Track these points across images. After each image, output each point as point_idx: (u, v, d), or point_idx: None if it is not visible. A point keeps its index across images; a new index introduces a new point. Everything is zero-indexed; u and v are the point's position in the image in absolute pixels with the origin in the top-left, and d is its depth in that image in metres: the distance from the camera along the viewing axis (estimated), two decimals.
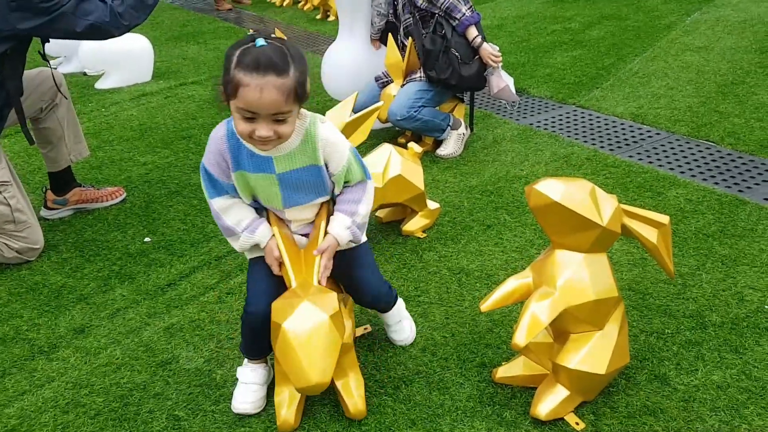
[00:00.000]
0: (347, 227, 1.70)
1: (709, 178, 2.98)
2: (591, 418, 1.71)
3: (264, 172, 1.60)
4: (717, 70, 4.28)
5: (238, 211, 1.68)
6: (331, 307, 1.54)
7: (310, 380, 1.47)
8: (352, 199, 1.72)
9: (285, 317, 1.50)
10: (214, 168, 1.61)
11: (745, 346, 1.93)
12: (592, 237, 1.62)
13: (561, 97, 4.16)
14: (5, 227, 2.49)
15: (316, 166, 1.63)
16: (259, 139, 1.47)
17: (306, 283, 1.60)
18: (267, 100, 1.40)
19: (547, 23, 5.93)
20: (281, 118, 1.46)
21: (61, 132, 2.83)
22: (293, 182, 1.64)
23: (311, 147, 1.60)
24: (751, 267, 2.29)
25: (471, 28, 3.18)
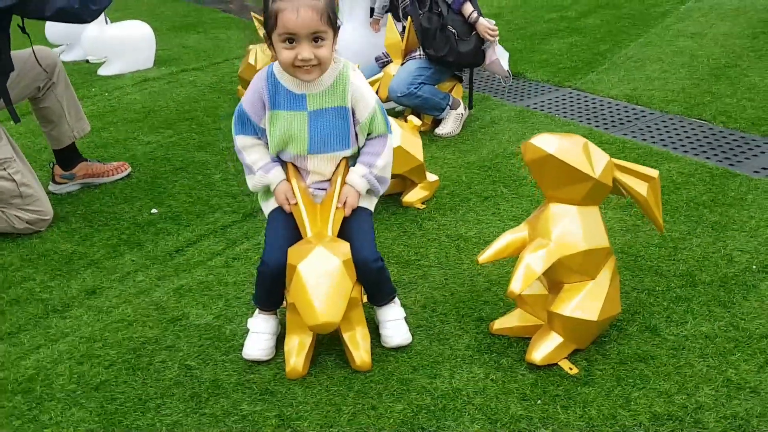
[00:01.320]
0: (362, 175, 1.81)
1: (701, 153, 3.07)
2: (584, 364, 1.79)
3: (297, 110, 1.75)
4: (710, 55, 4.36)
5: (257, 152, 1.83)
6: (344, 254, 1.66)
7: (319, 318, 1.58)
8: (372, 151, 1.84)
9: (300, 260, 1.63)
10: (249, 107, 1.77)
11: (733, 301, 2.01)
12: (584, 189, 1.70)
13: (557, 80, 4.23)
14: (13, 201, 2.55)
15: (344, 107, 1.77)
16: (301, 63, 1.63)
17: (320, 233, 1.72)
18: (304, 19, 1.58)
19: (543, 12, 6.01)
20: (318, 38, 1.62)
21: (60, 110, 2.89)
22: (321, 122, 1.77)
23: (342, 88, 1.75)
24: (740, 232, 2.38)
25: (466, 5, 3.25)
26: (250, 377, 1.81)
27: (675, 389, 1.68)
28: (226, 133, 3.57)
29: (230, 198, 2.87)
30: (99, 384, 1.82)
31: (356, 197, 1.83)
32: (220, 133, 3.63)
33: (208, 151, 3.40)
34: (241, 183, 2.98)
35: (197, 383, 1.80)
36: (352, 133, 1.82)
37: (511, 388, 1.72)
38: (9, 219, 2.57)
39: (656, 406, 1.63)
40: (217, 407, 1.71)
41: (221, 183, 3.02)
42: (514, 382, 1.74)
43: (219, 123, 3.77)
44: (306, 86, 1.75)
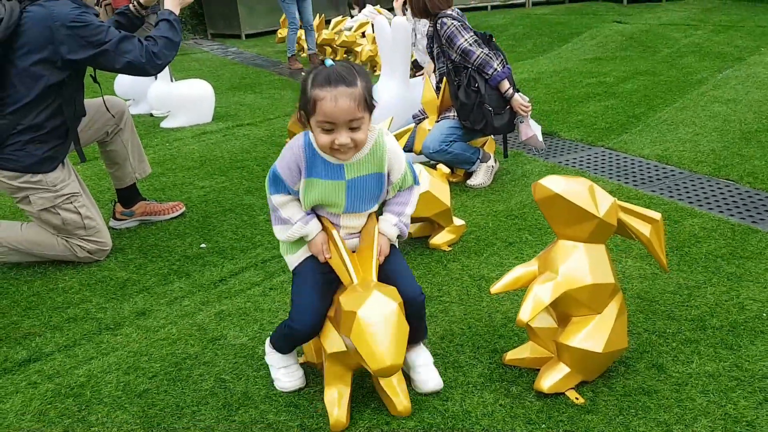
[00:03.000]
0: (394, 224, 1.90)
1: (725, 211, 3.15)
2: (590, 395, 1.89)
3: (334, 179, 1.78)
4: (743, 120, 4.47)
5: (293, 207, 1.85)
6: (398, 298, 1.69)
7: (386, 362, 1.58)
8: (401, 201, 1.92)
9: (359, 305, 1.63)
10: (285, 172, 1.79)
11: (740, 344, 2.08)
12: (590, 227, 1.84)
13: (591, 140, 4.40)
14: (77, 232, 2.83)
15: (381, 173, 1.82)
16: (339, 147, 1.67)
17: (366, 280, 1.74)
18: (342, 108, 1.62)
19: (582, 77, 6.23)
20: (356, 125, 1.67)
21: (125, 153, 3.20)
22: (358, 188, 1.81)
23: (379, 156, 1.80)
24: (755, 283, 2.45)
25: (504, 82, 3.48)
26: (277, 391, 1.97)
27: (674, 420, 1.77)
28: None
29: (271, 236, 3.09)
30: (142, 392, 2.01)
31: (388, 245, 1.89)
32: None
33: (256, 195, 3.66)
34: None
35: (230, 394, 1.97)
36: (384, 191, 1.88)
37: (518, 413, 1.84)
38: (72, 248, 2.84)
39: None
40: (246, 416, 1.87)
41: (265, 223, 3.26)
42: (522, 408, 1.85)
43: (267, 171, 4.05)
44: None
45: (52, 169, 2.74)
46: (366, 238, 1.86)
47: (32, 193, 2.72)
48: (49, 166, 2.73)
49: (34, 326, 2.40)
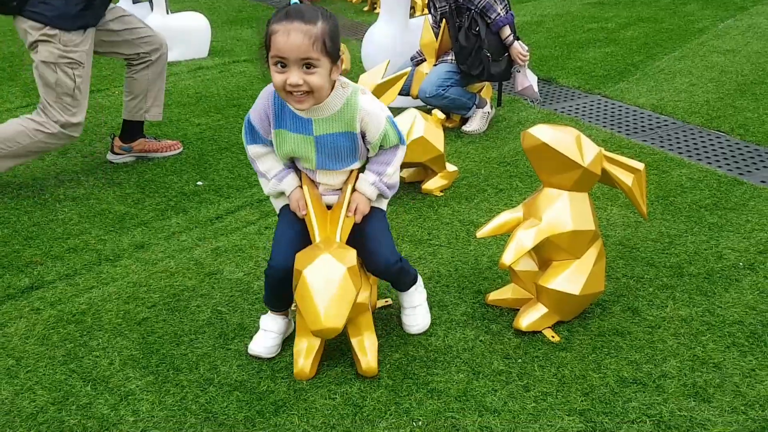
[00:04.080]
0: (372, 183, 1.82)
1: (713, 162, 3.21)
2: (565, 334, 1.99)
3: (302, 133, 1.74)
4: (740, 71, 4.47)
5: (269, 160, 1.83)
6: (349, 261, 1.67)
7: (322, 324, 1.60)
8: (382, 160, 1.84)
9: (305, 265, 1.65)
10: (257, 122, 1.77)
11: (714, 291, 2.18)
12: (574, 176, 1.91)
13: (588, 87, 4.41)
14: (63, 98, 2.84)
15: (353, 133, 1.76)
16: (290, 88, 1.59)
17: (329, 239, 1.74)
18: (294, 42, 1.55)
19: (584, 22, 6.16)
20: (309, 65, 1.58)
21: (144, 89, 3.22)
22: (329, 146, 1.76)
23: (350, 115, 1.73)
24: (735, 233, 2.53)
25: (505, 28, 3.46)
26: None
27: (644, 360, 1.88)
28: None
29: None
30: (141, 320, 2.11)
31: (367, 204, 1.83)
32: None
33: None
34: None
35: (225, 325, 2.07)
36: (360, 150, 1.81)
37: (496, 348, 1.94)
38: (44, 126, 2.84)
39: (624, 372, 1.83)
40: (241, 345, 1.97)
41: None
42: (500, 344, 1.96)
43: None
44: (312, 110, 1.70)
45: (71, 29, 2.81)
46: (342, 195, 1.85)
47: (43, 44, 2.79)
48: (69, 24, 2.80)
49: (35, 255, 2.48)
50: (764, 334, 1.95)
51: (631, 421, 1.67)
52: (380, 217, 1.91)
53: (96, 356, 1.94)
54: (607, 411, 1.70)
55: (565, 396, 1.75)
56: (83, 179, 3.14)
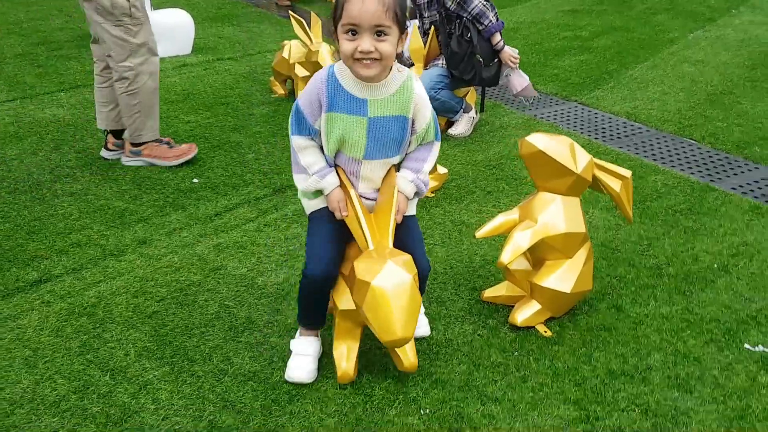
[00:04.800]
0: (411, 180, 1.82)
1: (686, 169, 3.40)
2: (556, 329, 2.13)
3: (356, 114, 1.71)
4: (709, 81, 4.70)
5: (313, 154, 1.79)
6: (412, 269, 1.66)
7: (396, 334, 1.59)
8: (419, 157, 1.84)
9: (372, 276, 1.62)
10: (306, 107, 1.73)
11: (692, 291, 2.35)
12: (568, 182, 2.05)
13: (565, 94, 4.58)
14: (123, 19, 3.04)
15: (405, 117, 1.74)
16: (361, 56, 1.61)
17: (381, 245, 1.71)
18: (368, 9, 1.57)
19: (559, 30, 6.35)
20: (381, 32, 1.60)
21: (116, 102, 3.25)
22: (380, 129, 1.73)
23: (406, 98, 1.73)
24: (709, 237, 2.71)
25: (496, 34, 3.61)
26: (278, 318, 2.16)
27: (630, 353, 2.03)
28: (258, 119, 3.93)
29: (261, 175, 3.23)
30: (152, 314, 2.18)
31: (406, 203, 1.83)
32: (252, 118, 3.99)
33: (242, 133, 3.76)
34: (272, 163, 3.35)
35: (234, 319, 2.16)
36: (406, 140, 1.80)
37: (493, 342, 2.07)
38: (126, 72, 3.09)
39: (613, 365, 1.98)
40: (251, 338, 2.06)
41: (254, 161, 3.38)
42: (497, 338, 2.09)
43: (252, 109, 4.13)
44: (368, 91, 1.70)
45: None
46: (384, 195, 1.81)
47: None
48: None
49: (40, 249, 2.53)
50: (739, 331, 2.12)
51: (621, 410, 1.81)
52: (415, 223, 1.91)
53: (111, 347, 2.01)
54: (599, 400, 1.84)
55: (559, 386, 1.89)
56: (78, 175, 3.17)
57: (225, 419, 1.75)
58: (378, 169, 1.82)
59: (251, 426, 1.74)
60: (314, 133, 1.77)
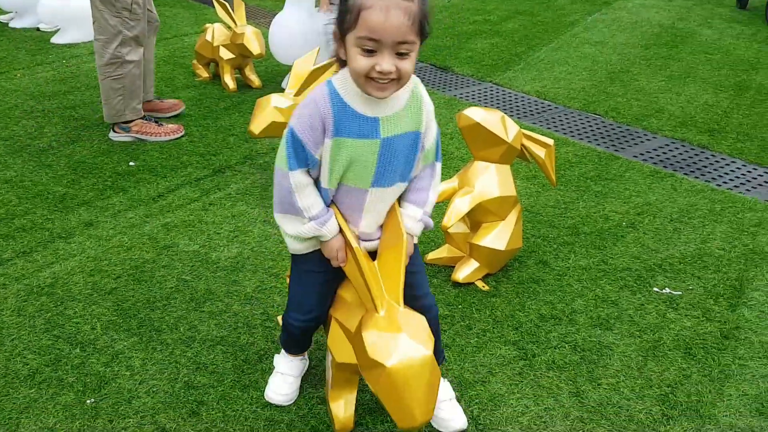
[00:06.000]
0: (419, 219, 1.58)
1: (593, 141, 3.75)
2: (493, 284, 2.37)
3: (367, 138, 1.44)
4: (609, 61, 5.11)
5: (312, 194, 1.50)
6: (430, 339, 1.43)
7: (416, 420, 1.38)
8: (423, 186, 1.58)
9: (387, 356, 1.39)
10: (306, 133, 1.42)
11: (605, 246, 2.65)
12: (500, 151, 2.28)
13: (480, 75, 4.85)
14: (122, 12, 3.17)
15: (417, 132, 1.49)
16: (379, 75, 1.33)
17: (391, 307, 1.46)
18: (393, 23, 1.29)
19: (470, 14, 6.65)
20: (405, 50, 1.33)
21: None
22: (392, 151, 1.47)
23: (417, 109, 1.48)
24: (617, 199, 3.04)
25: None
26: (237, 288, 2.28)
27: (557, 300, 2.30)
28: (186, 102, 3.94)
29: (198, 156, 3.29)
30: (111, 290, 2.24)
31: (413, 245, 1.61)
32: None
33: (172, 117, 3.78)
34: (207, 145, 3.41)
35: (194, 291, 2.26)
36: (417, 161, 1.54)
37: (439, 298, 2.28)
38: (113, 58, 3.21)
39: (543, 310, 2.24)
40: (213, 307, 2.18)
41: (188, 144, 3.43)
42: (442, 294, 2.30)
43: (178, 93, 4.14)
44: (379, 107, 1.43)
45: None
46: (389, 237, 1.55)
47: None
48: None
49: None
50: (648, 278, 2.44)
51: (554, 347, 2.07)
52: (417, 254, 1.68)
53: (76, 323, 2.07)
54: (534, 340, 2.09)
55: (499, 331, 2.13)
56: (10, 162, 3.12)
57: (200, 379, 1.87)
58: (386, 198, 1.54)
59: (226, 383, 1.87)
60: (314, 165, 1.47)
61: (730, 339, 2.09)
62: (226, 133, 3.54)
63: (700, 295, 2.31)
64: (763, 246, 2.60)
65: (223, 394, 1.83)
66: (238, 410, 1.78)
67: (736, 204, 2.94)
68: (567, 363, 2.00)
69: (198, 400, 1.81)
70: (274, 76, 4.42)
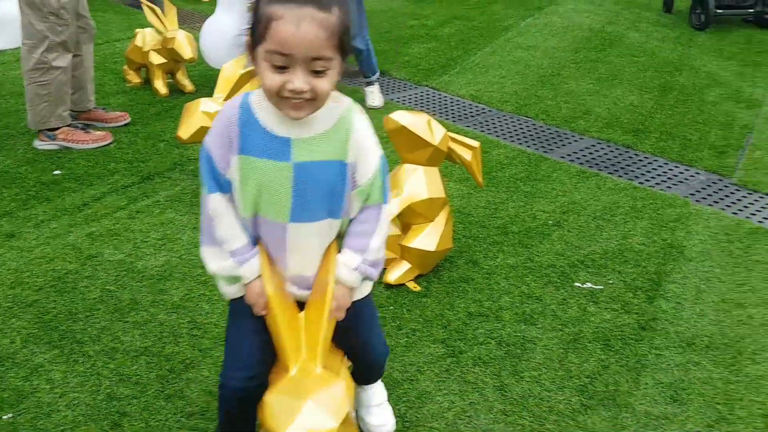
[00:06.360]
0: (354, 268, 1.39)
1: (524, 142, 3.84)
2: (424, 284, 2.41)
3: (276, 159, 1.29)
4: (540, 65, 5.25)
5: (231, 225, 1.35)
6: (341, 409, 1.28)
7: None
8: (364, 230, 1.41)
9: (283, 425, 1.24)
10: (216, 148, 1.31)
11: (532, 244, 2.72)
12: (427, 153, 2.31)
13: (417, 79, 4.91)
14: (49, 17, 3.12)
15: (342, 163, 1.33)
16: (291, 94, 1.21)
17: (307, 367, 1.32)
18: (305, 36, 1.16)
19: (406, 19, 6.72)
20: (320, 67, 1.20)
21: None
22: (310, 179, 1.31)
23: (342, 137, 1.32)
24: (544, 199, 3.13)
25: None
26: (164, 297, 2.24)
27: (485, 298, 2.35)
28: (116, 108, 3.86)
29: (126, 163, 3.22)
30: (32, 302, 2.17)
31: (349, 297, 1.41)
32: (109, 108, 3.91)
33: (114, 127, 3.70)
34: (136, 151, 3.34)
35: (118, 301, 2.21)
36: (346, 197, 1.36)
37: None
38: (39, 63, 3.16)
39: (471, 308, 2.28)
40: (138, 317, 2.14)
41: (116, 151, 3.36)
42: (375, 297, 2.31)
43: (108, 99, 4.05)
44: (292, 127, 1.29)
45: None
46: (319, 287, 1.38)
47: None
48: None
49: None
50: (571, 273, 2.51)
51: (480, 343, 2.11)
52: (367, 301, 1.53)
53: None
54: (462, 337, 2.13)
55: (429, 330, 2.16)
56: None
57: (122, 391, 1.84)
58: (311, 237, 1.37)
59: (149, 394, 1.84)
60: (227, 187, 1.34)
61: (648, 330, 2.18)
62: (156, 139, 3.48)
63: (620, 289, 2.40)
64: (681, 240, 2.72)
65: (146, 405, 1.80)
66: (161, 420, 1.76)
67: (657, 201, 3.06)
68: (492, 358, 2.05)
69: (120, 412, 1.77)
70: (208, 81, 4.36)
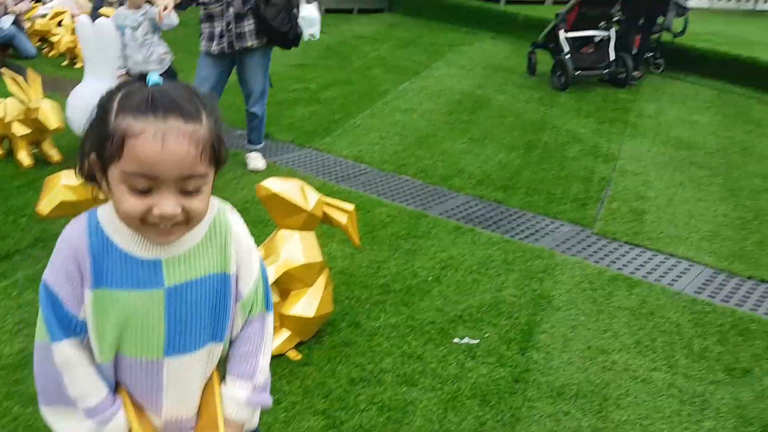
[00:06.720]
0: (245, 401, 1.18)
1: (404, 201, 3.94)
2: (306, 351, 2.37)
3: (145, 288, 1.07)
4: (417, 126, 5.46)
5: (89, 377, 1.10)
6: None
7: None
8: (249, 350, 1.19)
9: None
10: (62, 285, 1.06)
11: (413, 302, 2.77)
12: (301, 219, 2.32)
13: (300, 141, 4.96)
14: None
15: (225, 275, 1.13)
16: (159, 219, 1.00)
17: None
18: (173, 154, 0.97)
19: (290, 83, 6.81)
20: (193, 187, 1.01)
21: None
22: (186, 304, 1.10)
23: (220, 244, 1.12)
24: (424, 255, 3.21)
25: None
26: (19, 388, 2.07)
27: (367, 361, 2.34)
28: None
29: None
30: None
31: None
32: None
33: None
34: None
35: None
36: (229, 315, 1.16)
37: None
38: None
39: (353, 374, 2.27)
40: None
41: None
42: None
43: None
44: (160, 246, 1.08)
45: None
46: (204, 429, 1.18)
47: None
48: None
49: None
50: (450, 329, 2.57)
51: (362, 411, 2.10)
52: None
53: None
54: (343, 406, 2.11)
55: (309, 402, 2.12)
56: None
57: None
58: (191, 369, 1.14)
59: None
60: (83, 330, 1.09)
61: (521, 382, 2.25)
62: (18, 213, 3.27)
63: (495, 342, 2.48)
64: (549, 290, 2.87)
65: None
66: None
67: (526, 253, 3.22)
68: (373, 425, 2.04)
69: None
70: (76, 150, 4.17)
